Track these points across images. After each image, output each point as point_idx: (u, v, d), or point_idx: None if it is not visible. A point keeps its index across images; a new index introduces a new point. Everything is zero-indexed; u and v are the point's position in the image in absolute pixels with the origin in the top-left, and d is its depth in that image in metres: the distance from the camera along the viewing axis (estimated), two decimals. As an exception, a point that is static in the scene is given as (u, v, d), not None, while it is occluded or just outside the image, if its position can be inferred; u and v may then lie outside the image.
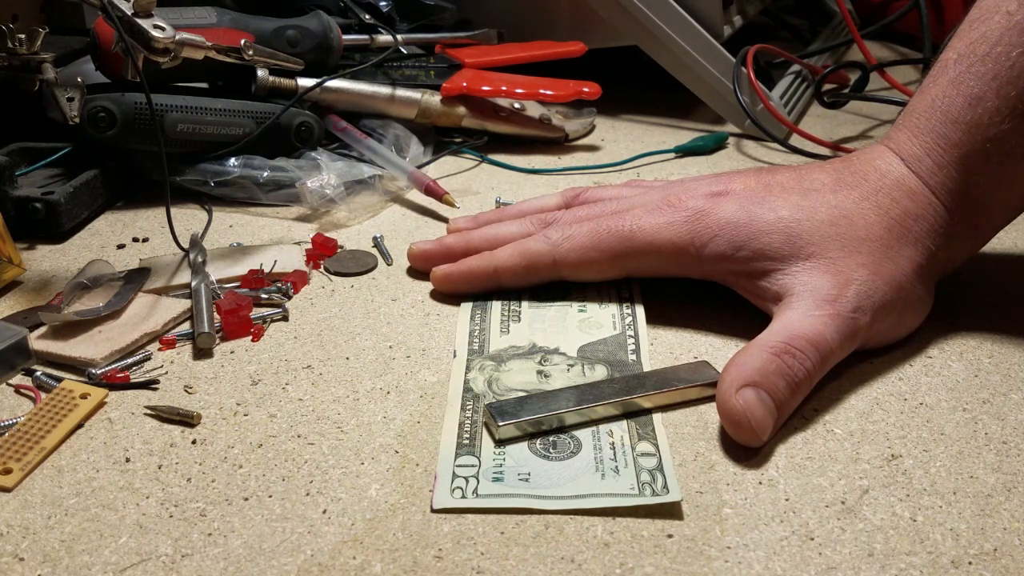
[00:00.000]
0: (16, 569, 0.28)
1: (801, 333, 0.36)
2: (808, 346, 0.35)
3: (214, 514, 0.30)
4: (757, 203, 0.40)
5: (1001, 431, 0.35)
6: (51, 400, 0.35)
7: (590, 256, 0.42)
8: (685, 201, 0.41)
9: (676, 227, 0.41)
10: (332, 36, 0.62)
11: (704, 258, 0.40)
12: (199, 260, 0.46)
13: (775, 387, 0.34)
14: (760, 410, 0.33)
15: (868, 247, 0.38)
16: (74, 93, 0.49)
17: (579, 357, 0.39)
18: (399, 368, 0.39)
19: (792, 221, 0.39)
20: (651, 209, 0.42)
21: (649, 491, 0.31)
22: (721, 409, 0.34)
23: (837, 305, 0.36)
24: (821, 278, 0.37)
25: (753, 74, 0.66)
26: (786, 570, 0.28)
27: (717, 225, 0.40)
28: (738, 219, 0.40)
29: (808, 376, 0.35)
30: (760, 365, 0.34)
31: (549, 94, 0.65)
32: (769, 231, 0.39)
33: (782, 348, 0.35)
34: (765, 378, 0.34)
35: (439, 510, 0.31)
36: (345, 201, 0.54)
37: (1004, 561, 0.29)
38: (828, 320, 0.36)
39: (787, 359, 0.35)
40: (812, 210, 0.39)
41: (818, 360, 0.35)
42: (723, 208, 0.40)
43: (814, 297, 0.37)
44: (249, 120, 0.56)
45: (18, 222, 0.49)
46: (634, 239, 0.41)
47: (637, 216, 0.42)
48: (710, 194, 0.41)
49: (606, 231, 0.42)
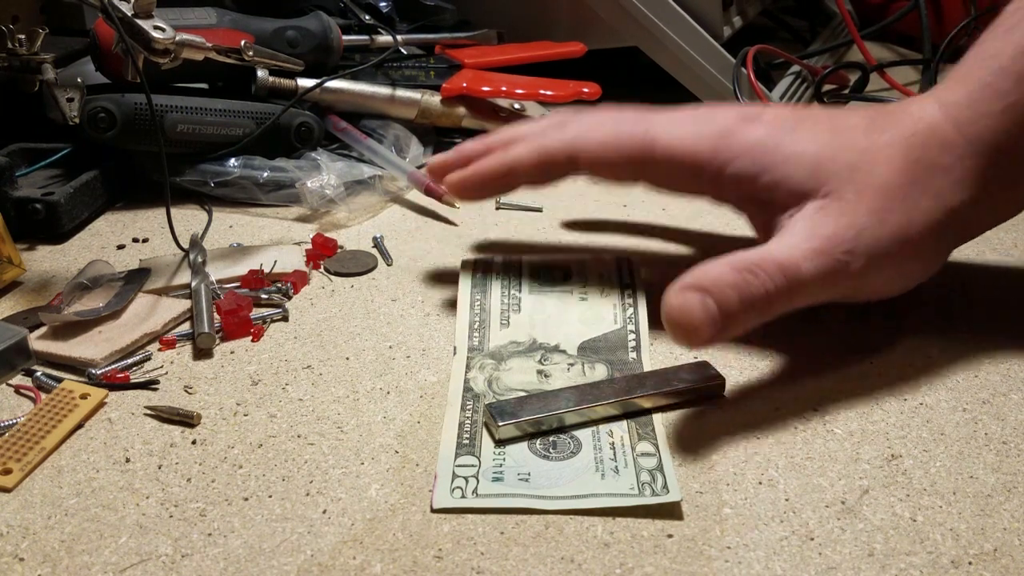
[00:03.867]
0: (16, 569, 0.28)
1: (773, 257, 0.35)
2: (776, 270, 0.34)
3: (214, 514, 0.30)
4: (787, 133, 0.38)
5: (1001, 431, 0.35)
6: (51, 400, 0.35)
7: (608, 155, 0.40)
8: (714, 117, 0.40)
9: (702, 140, 0.39)
10: (332, 37, 0.62)
11: (724, 177, 0.39)
12: (199, 260, 0.46)
13: (724, 296, 0.33)
14: (699, 312, 0.33)
15: (884, 194, 0.36)
16: (74, 94, 0.49)
17: (579, 356, 0.39)
18: (399, 368, 0.39)
19: (817, 158, 0.37)
20: (677, 120, 0.40)
21: (649, 491, 0.31)
22: (662, 305, 0.33)
23: (827, 242, 0.35)
24: (825, 217, 0.36)
25: (753, 75, 0.66)
26: (786, 570, 0.28)
27: (742, 146, 0.38)
28: (765, 144, 0.38)
29: (766, 297, 0.34)
30: (716, 275, 0.34)
31: (549, 94, 0.65)
32: (794, 163, 0.37)
33: (745, 266, 0.34)
34: (716, 287, 0.33)
35: (439, 510, 0.31)
36: (345, 201, 0.54)
37: (1004, 561, 0.29)
38: (809, 254, 0.35)
39: (747, 275, 0.34)
40: (838, 150, 0.37)
41: (783, 285, 0.34)
42: (751, 131, 0.39)
43: (807, 232, 0.36)
44: (249, 120, 0.56)
45: (18, 223, 0.49)
46: (656, 144, 0.39)
47: (662, 122, 0.40)
48: (740, 117, 0.40)
49: (628, 133, 0.40)
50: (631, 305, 0.42)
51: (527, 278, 0.44)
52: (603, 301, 0.43)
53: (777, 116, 0.40)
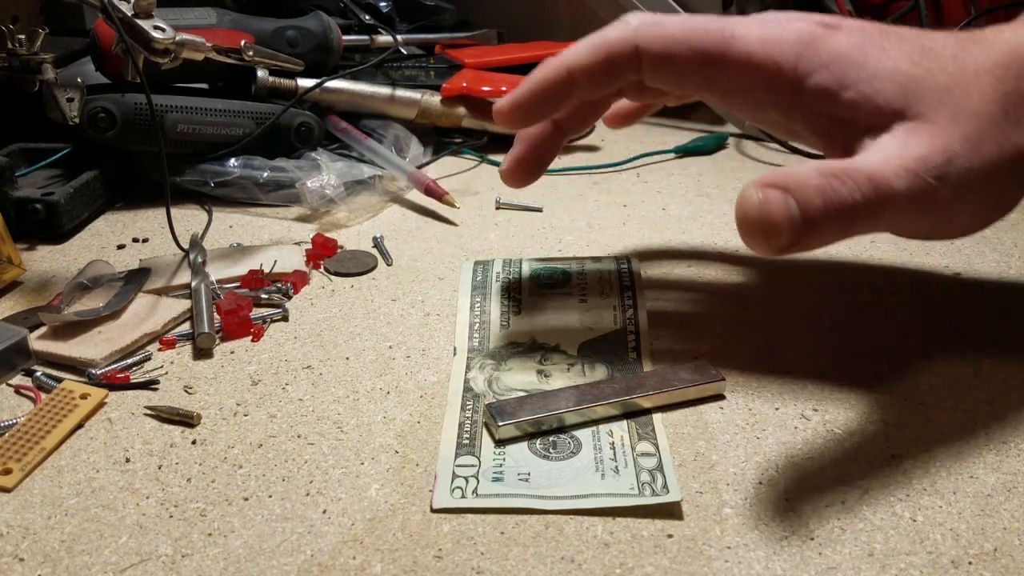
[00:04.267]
0: (16, 569, 0.28)
1: (864, 167, 0.32)
2: (865, 181, 0.31)
3: (214, 514, 0.30)
4: (875, 46, 0.35)
5: (1001, 431, 0.35)
6: (51, 400, 0.35)
7: (678, 51, 0.36)
8: (796, 22, 0.36)
9: (783, 45, 0.35)
10: (332, 37, 0.62)
11: (805, 89, 0.35)
12: (199, 260, 0.46)
13: (807, 199, 0.30)
14: (780, 210, 0.30)
15: (977, 122, 0.34)
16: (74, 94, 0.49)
17: (579, 356, 0.39)
18: (399, 368, 0.39)
19: (910, 76, 0.34)
20: (759, 20, 0.36)
21: (649, 491, 0.31)
22: (737, 203, 0.31)
23: (920, 163, 0.32)
24: (918, 138, 0.33)
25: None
26: (786, 570, 0.28)
27: (828, 54, 0.35)
28: (852, 55, 0.35)
29: (852, 207, 0.31)
30: (800, 175, 0.31)
31: (549, 94, 0.65)
32: (883, 78, 0.34)
33: (834, 172, 0.31)
34: (799, 187, 0.31)
35: (439, 510, 0.31)
36: (345, 201, 0.54)
37: (1004, 561, 0.29)
38: (900, 171, 0.32)
39: (833, 181, 0.31)
40: (930, 71, 0.34)
41: (872, 196, 0.31)
42: (836, 39, 0.35)
43: (900, 150, 0.33)
44: (249, 120, 0.56)
45: (18, 223, 0.49)
46: (732, 44, 0.35)
47: (741, 23, 0.36)
48: (822, 23, 0.36)
49: (701, 28, 0.36)
50: (631, 307, 0.42)
51: (527, 280, 0.44)
52: (603, 302, 0.43)
53: (863, 27, 0.36)
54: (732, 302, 0.44)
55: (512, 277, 0.44)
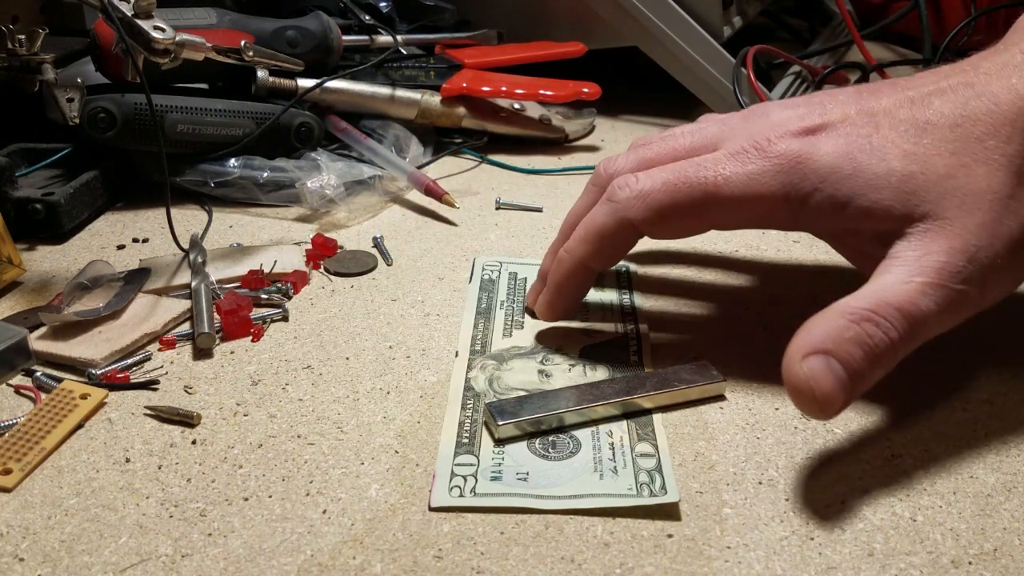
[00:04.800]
0: (16, 569, 0.28)
1: (890, 300, 0.31)
2: (896, 314, 0.31)
3: (214, 514, 0.30)
4: (862, 148, 0.34)
5: (1001, 431, 0.35)
6: (51, 400, 0.35)
7: (668, 214, 0.36)
8: (775, 144, 0.35)
9: (768, 179, 0.34)
10: (332, 37, 0.62)
11: (802, 215, 0.35)
12: (199, 260, 0.46)
13: (849, 356, 0.30)
14: (828, 380, 0.30)
15: (988, 201, 0.32)
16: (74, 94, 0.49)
17: (581, 357, 0.39)
18: (399, 368, 0.39)
19: (905, 175, 0.33)
20: (736, 153, 0.35)
21: (647, 491, 0.31)
22: (785, 377, 0.30)
23: (943, 274, 0.31)
24: (932, 243, 0.32)
25: (753, 75, 0.66)
26: (786, 570, 0.28)
27: (816, 176, 0.34)
28: (841, 169, 0.33)
29: (891, 348, 0.31)
30: (834, 331, 0.30)
31: (549, 94, 0.65)
32: (879, 186, 0.33)
33: (863, 315, 0.31)
34: (838, 345, 0.30)
35: (437, 508, 0.31)
36: (345, 201, 0.54)
37: (1004, 561, 0.29)
38: (927, 289, 0.31)
39: (867, 327, 0.30)
40: (927, 160, 0.33)
41: (906, 331, 0.31)
42: (822, 152, 0.34)
43: (919, 263, 0.32)
44: (249, 121, 0.56)
45: (18, 223, 0.49)
46: (719, 193, 0.35)
47: (720, 163, 0.35)
48: (803, 131, 0.35)
49: (685, 184, 0.35)
50: (631, 313, 0.42)
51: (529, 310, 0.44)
52: (603, 314, 0.43)
53: (846, 118, 0.35)
54: (732, 302, 0.44)
55: (517, 304, 0.44)
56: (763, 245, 0.50)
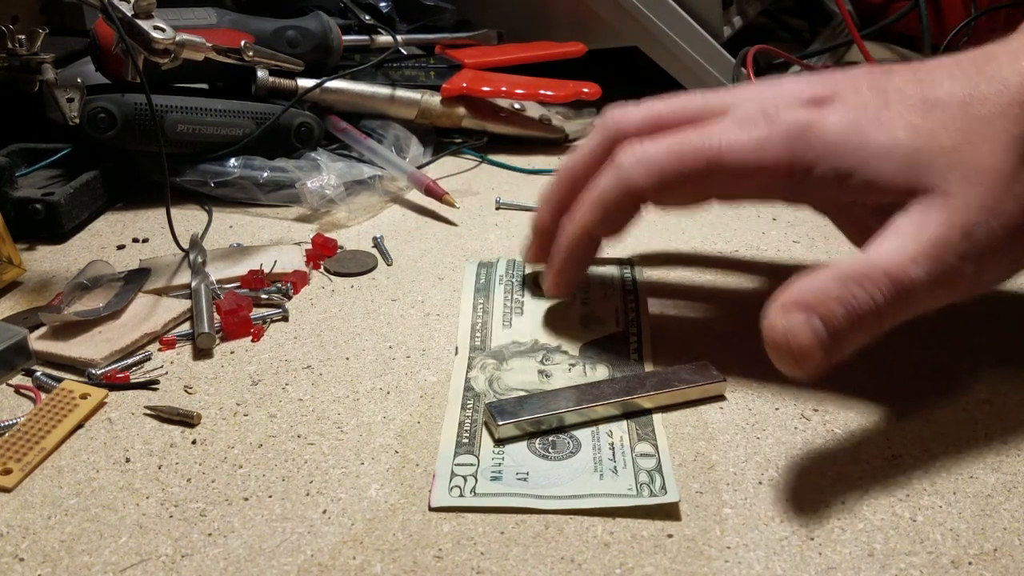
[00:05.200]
0: (16, 569, 0.28)
1: (881, 264, 0.31)
2: (884, 279, 0.31)
3: (214, 514, 0.30)
4: (870, 120, 0.34)
5: (1001, 431, 0.35)
6: (51, 400, 0.35)
7: (671, 180, 0.35)
8: (782, 113, 0.34)
9: (774, 147, 0.34)
10: (332, 37, 0.62)
11: (805, 185, 0.34)
12: (199, 260, 0.46)
13: (831, 313, 0.30)
14: (806, 334, 0.30)
15: (991, 179, 0.32)
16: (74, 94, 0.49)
17: (581, 356, 0.39)
18: (399, 368, 0.39)
19: (910, 148, 0.33)
20: (742, 121, 0.35)
21: (647, 492, 0.31)
22: (764, 329, 0.31)
23: (939, 248, 0.31)
24: (931, 216, 0.32)
25: (753, 75, 0.66)
26: (786, 570, 0.28)
27: (822, 145, 0.33)
28: (847, 140, 0.33)
29: (876, 311, 0.31)
30: (819, 287, 0.31)
31: (549, 94, 0.65)
32: (883, 156, 0.33)
33: (851, 276, 0.31)
34: (821, 303, 0.30)
35: (436, 508, 0.31)
36: (345, 201, 0.54)
37: (1004, 561, 0.29)
38: (921, 260, 0.31)
39: (853, 287, 0.31)
40: (934, 134, 0.33)
41: (893, 296, 0.31)
42: (828, 122, 0.34)
43: (915, 234, 0.32)
44: (249, 121, 0.56)
45: (18, 223, 0.49)
46: (723, 160, 0.34)
47: (727, 130, 0.35)
48: (812, 100, 0.35)
49: (689, 150, 0.35)
50: (633, 308, 0.42)
51: (530, 283, 0.44)
52: (605, 305, 0.43)
53: (856, 91, 0.35)
54: (732, 302, 0.44)
55: (515, 280, 0.44)
56: (763, 245, 0.50)
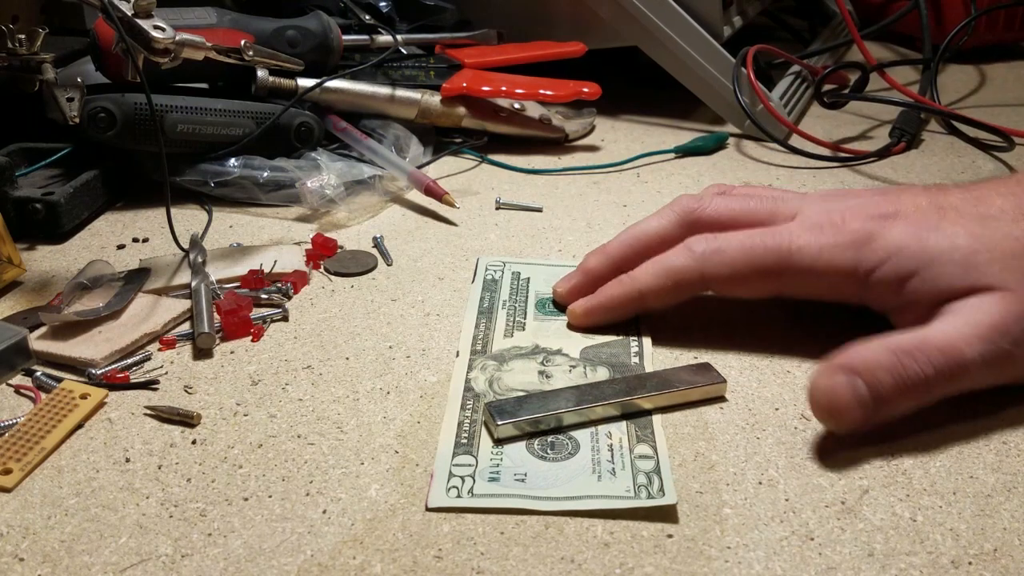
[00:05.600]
0: (16, 569, 0.28)
1: (935, 341, 0.33)
2: (937, 354, 0.33)
3: (214, 514, 0.30)
4: (931, 228, 0.36)
5: (1001, 431, 0.35)
6: (51, 400, 0.35)
7: (742, 273, 0.38)
8: (850, 222, 0.37)
9: (841, 250, 0.37)
10: (332, 36, 0.62)
11: (871, 285, 0.37)
12: (199, 260, 0.46)
13: (876, 380, 0.32)
14: (847, 395, 0.32)
15: None
16: (74, 93, 0.49)
17: (582, 359, 0.39)
18: (399, 368, 0.39)
19: (970, 251, 0.35)
20: (810, 227, 0.38)
21: (645, 493, 0.31)
22: (808, 388, 0.33)
23: (994, 330, 0.33)
24: (989, 305, 0.34)
25: (753, 74, 0.66)
26: (786, 570, 0.28)
27: (885, 251, 0.36)
28: (909, 245, 0.36)
29: (925, 382, 0.33)
30: (870, 356, 0.33)
31: (549, 94, 0.65)
32: (944, 261, 0.35)
33: (904, 349, 0.33)
34: (868, 369, 0.32)
35: (433, 509, 0.31)
36: (345, 201, 0.54)
37: (1004, 561, 0.29)
38: (975, 341, 0.33)
39: (904, 358, 0.32)
40: (991, 240, 0.35)
41: (944, 370, 0.33)
42: (892, 232, 0.36)
43: (972, 316, 0.34)
44: (249, 120, 0.56)
45: (18, 223, 0.49)
46: (792, 259, 0.37)
47: (795, 233, 0.38)
48: (878, 215, 0.37)
49: (761, 247, 0.38)
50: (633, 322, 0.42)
51: (532, 308, 0.43)
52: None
53: (917, 208, 0.38)
54: (733, 302, 0.44)
55: (519, 304, 0.44)
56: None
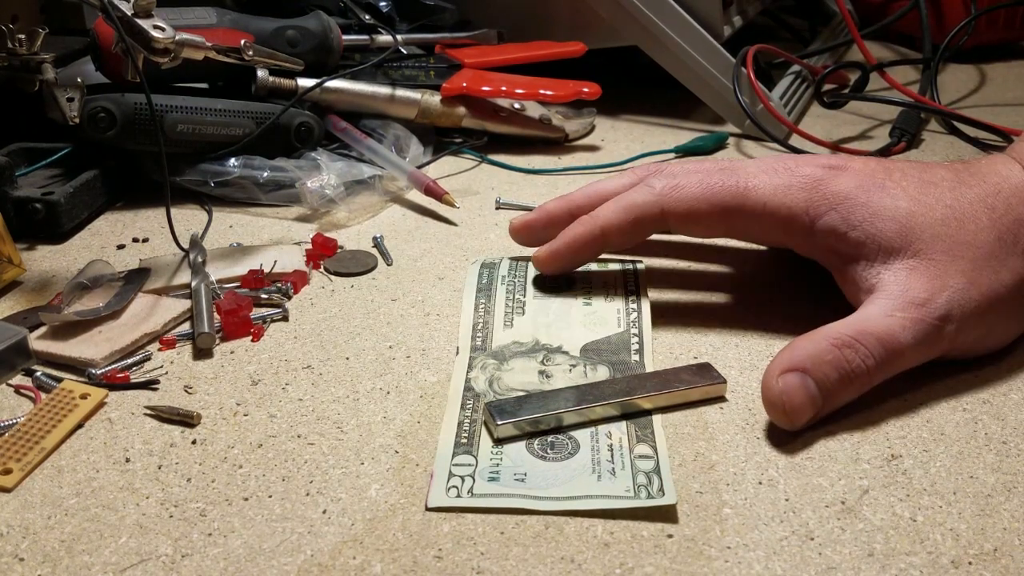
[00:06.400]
0: (16, 569, 0.28)
1: (872, 330, 0.35)
2: (875, 343, 0.35)
3: (214, 514, 0.30)
4: (877, 187, 0.39)
5: (1001, 431, 0.35)
6: (51, 400, 0.35)
7: (699, 208, 0.40)
8: (802, 167, 0.40)
9: (793, 192, 0.39)
10: (332, 36, 0.62)
11: (816, 230, 0.39)
12: (199, 260, 0.46)
13: (824, 376, 0.34)
14: (800, 395, 0.33)
15: (972, 253, 0.37)
16: (74, 93, 0.49)
17: (582, 357, 0.39)
18: (399, 368, 0.39)
19: (909, 214, 0.38)
20: (765, 169, 0.41)
21: (645, 493, 0.31)
22: (762, 389, 0.34)
23: (923, 310, 0.35)
24: (917, 280, 0.36)
25: (753, 74, 0.66)
26: (786, 570, 0.28)
27: (835, 197, 0.39)
28: (856, 197, 0.38)
29: (867, 372, 0.34)
30: (815, 351, 0.34)
31: (549, 94, 0.65)
32: (885, 218, 0.38)
33: (845, 341, 0.34)
34: (816, 366, 0.34)
35: (433, 508, 0.31)
36: (345, 201, 0.54)
37: (1004, 561, 0.29)
38: (907, 323, 0.35)
39: (847, 351, 0.34)
40: (929, 206, 0.38)
41: (883, 358, 0.35)
42: (841, 180, 0.39)
43: (902, 298, 0.36)
44: (249, 120, 0.56)
45: (18, 222, 0.49)
46: (747, 197, 0.40)
47: (751, 173, 0.40)
48: (828, 166, 0.40)
49: (718, 184, 0.40)
50: (635, 309, 0.42)
51: (532, 283, 0.44)
52: (607, 306, 0.43)
53: (866, 165, 0.40)
54: (733, 302, 0.44)
55: (518, 279, 0.44)
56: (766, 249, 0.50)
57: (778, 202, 0.39)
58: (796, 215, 0.39)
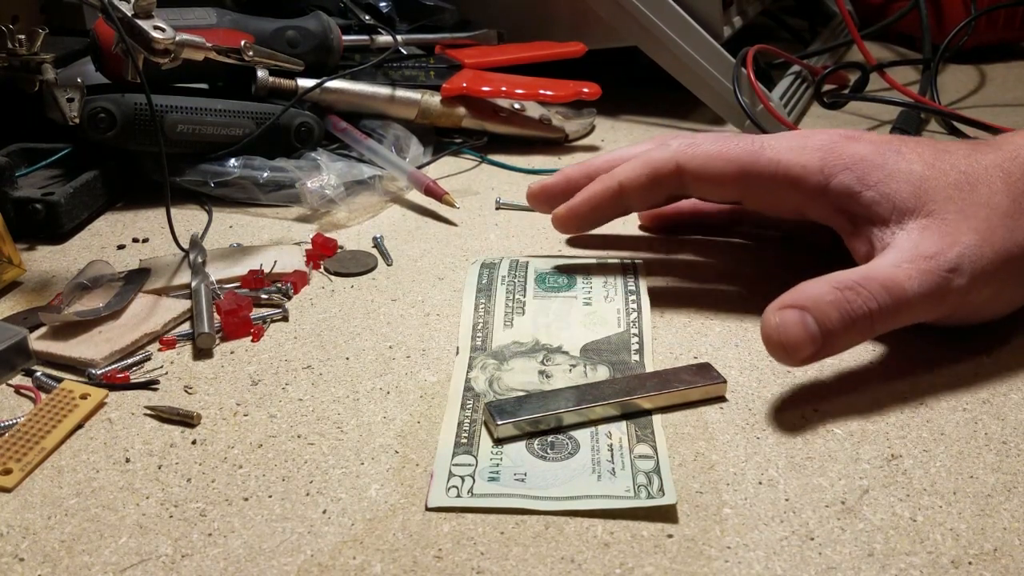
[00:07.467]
0: (16, 569, 0.28)
1: (876, 276, 0.35)
2: (879, 288, 0.34)
3: (214, 514, 0.30)
4: (892, 151, 0.39)
5: (1001, 431, 0.35)
6: (51, 400, 0.35)
7: (715, 165, 0.41)
8: (818, 136, 0.41)
9: (807, 152, 0.40)
10: (332, 37, 0.62)
11: (830, 190, 0.39)
12: (199, 260, 0.46)
13: (824, 314, 0.34)
14: (797, 330, 0.33)
15: (986, 213, 0.37)
16: (74, 94, 0.49)
17: (582, 357, 0.39)
18: (399, 368, 0.39)
19: (923, 177, 0.38)
20: (781, 136, 0.42)
21: (644, 493, 0.31)
22: (761, 325, 0.35)
23: (932, 262, 0.35)
24: (929, 236, 0.36)
25: (753, 75, 0.66)
26: (786, 570, 0.28)
27: (850, 158, 0.39)
28: (872, 159, 0.39)
29: (869, 316, 0.34)
30: (816, 293, 0.34)
31: (549, 94, 0.65)
32: (900, 179, 0.38)
33: (847, 284, 0.34)
34: (816, 305, 0.34)
35: (433, 508, 0.31)
36: (345, 201, 0.54)
37: (1004, 561, 0.29)
38: (914, 272, 0.35)
39: (849, 294, 0.34)
40: (943, 171, 0.38)
41: (887, 303, 0.34)
42: (857, 145, 0.40)
43: (912, 251, 0.36)
44: (249, 121, 0.56)
45: (18, 223, 0.49)
46: (762, 155, 0.40)
47: (766, 141, 0.41)
48: (842, 136, 0.41)
49: (734, 144, 0.41)
50: (635, 309, 0.42)
51: (532, 283, 0.44)
52: (607, 306, 0.43)
53: (880, 137, 0.41)
54: (733, 302, 0.44)
55: (518, 280, 0.44)
56: (767, 248, 0.50)
57: (792, 159, 0.40)
58: (810, 172, 0.39)
